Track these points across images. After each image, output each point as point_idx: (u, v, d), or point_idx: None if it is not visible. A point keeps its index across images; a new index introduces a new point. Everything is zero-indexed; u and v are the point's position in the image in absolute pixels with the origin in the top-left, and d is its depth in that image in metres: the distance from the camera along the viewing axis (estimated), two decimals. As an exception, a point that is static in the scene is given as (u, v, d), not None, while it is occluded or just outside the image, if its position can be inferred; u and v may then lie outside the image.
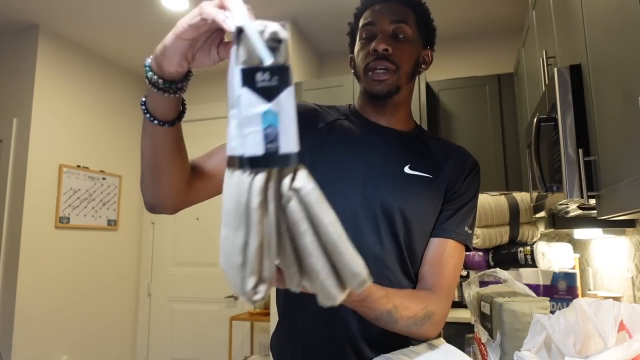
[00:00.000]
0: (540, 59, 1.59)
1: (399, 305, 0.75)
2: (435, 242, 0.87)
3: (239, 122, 0.48)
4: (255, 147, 0.44)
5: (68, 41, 3.16)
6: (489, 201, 1.80)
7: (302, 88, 2.82)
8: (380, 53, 0.85)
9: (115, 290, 3.45)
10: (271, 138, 0.44)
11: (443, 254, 0.86)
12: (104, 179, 3.37)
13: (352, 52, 0.97)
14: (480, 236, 1.75)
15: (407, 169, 0.88)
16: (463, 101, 2.78)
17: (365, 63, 0.88)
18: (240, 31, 0.53)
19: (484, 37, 3.13)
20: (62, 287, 3.00)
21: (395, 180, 0.86)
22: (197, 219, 3.61)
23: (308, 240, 0.45)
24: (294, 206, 0.44)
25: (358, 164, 0.87)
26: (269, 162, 0.44)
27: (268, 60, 0.50)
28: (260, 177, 0.43)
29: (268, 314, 2.92)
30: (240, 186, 0.44)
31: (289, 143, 0.45)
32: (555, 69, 1.17)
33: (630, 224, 1.54)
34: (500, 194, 1.86)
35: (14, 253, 2.74)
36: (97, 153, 3.35)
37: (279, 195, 0.45)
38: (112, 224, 3.43)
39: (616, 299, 1.56)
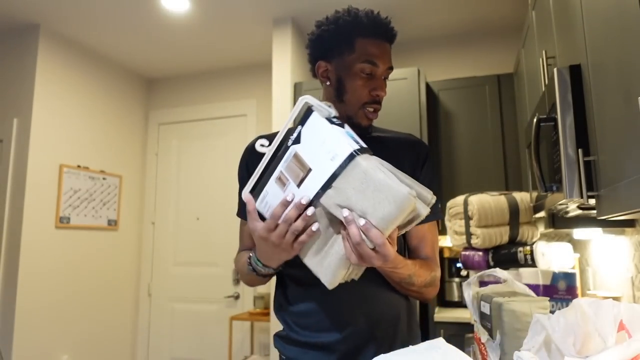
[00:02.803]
0: (540, 59, 1.59)
1: (416, 273, 0.94)
2: (419, 226, 0.97)
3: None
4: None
5: (69, 41, 3.16)
6: (488, 201, 1.80)
7: (302, 88, 2.82)
8: (379, 99, 0.99)
9: (115, 290, 3.45)
10: None
11: (425, 231, 1.03)
12: (104, 179, 3.37)
13: (324, 58, 1.01)
14: (480, 236, 1.76)
15: None
16: (463, 101, 2.78)
17: (363, 100, 0.98)
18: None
19: (484, 37, 3.13)
20: (62, 287, 3.00)
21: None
22: (197, 219, 3.61)
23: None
24: None
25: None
26: None
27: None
28: None
29: (268, 314, 2.92)
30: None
31: None
32: (555, 69, 1.17)
33: (630, 224, 1.54)
34: (500, 194, 1.87)
35: (15, 253, 2.74)
36: (98, 153, 3.35)
37: None
38: (112, 224, 3.43)
39: (616, 298, 1.56)
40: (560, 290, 1.57)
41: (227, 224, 3.50)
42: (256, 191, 0.83)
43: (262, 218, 0.83)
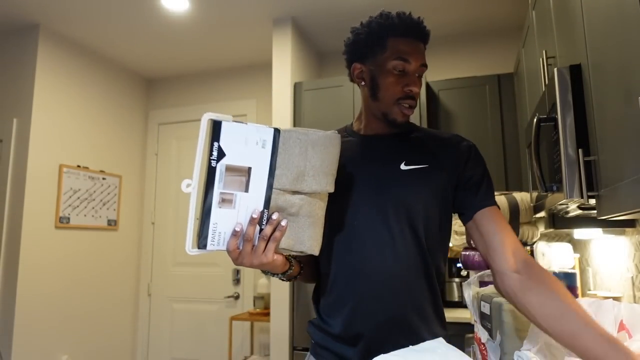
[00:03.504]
0: (540, 59, 1.59)
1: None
2: (482, 213, 0.98)
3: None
4: None
5: (69, 41, 3.16)
6: (489, 201, 1.80)
7: (302, 88, 2.82)
8: (413, 94, 1.00)
9: (115, 290, 3.45)
10: None
11: (498, 218, 0.97)
12: (104, 179, 3.37)
13: (358, 59, 1.04)
14: (480, 236, 1.75)
15: (402, 166, 1.01)
16: (463, 101, 2.78)
17: (397, 96, 1.00)
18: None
19: (484, 37, 3.13)
20: (62, 287, 3.00)
21: (393, 178, 1.00)
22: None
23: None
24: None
25: (363, 176, 1.02)
26: None
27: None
28: None
29: (268, 314, 2.92)
30: None
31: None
32: (555, 69, 1.17)
33: (630, 224, 1.54)
34: (500, 194, 1.86)
35: (14, 253, 2.74)
36: (97, 153, 3.35)
37: None
38: (112, 224, 3.43)
39: (616, 299, 1.56)
40: (560, 290, 1.56)
41: (227, 224, 3.49)
42: (202, 238, 0.85)
43: None
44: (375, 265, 0.98)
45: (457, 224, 1.90)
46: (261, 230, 0.84)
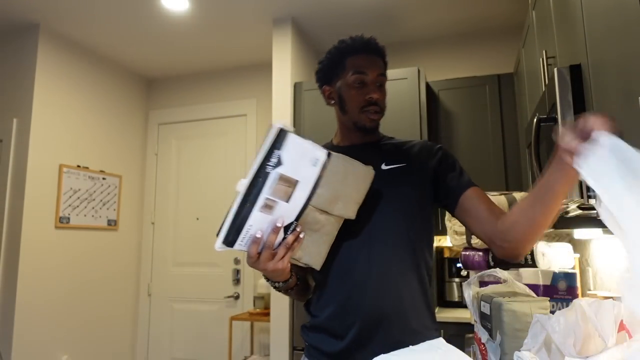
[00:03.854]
0: (540, 59, 1.59)
1: None
2: (468, 193, 1.08)
3: None
4: None
5: (68, 41, 3.16)
6: (489, 201, 1.80)
7: (302, 88, 2.82)
8: (374, 101, 1.11)
9: (115, 290, 3.45)
10: None
11: (482, 195, 1.09)
12: (104, 179, 3.37)
13: (326, 82, 1.19)
14: (480, 236, 1.75)
15: (383, 166, 1.13)
16: (463, 101, 2.78)
17: (360, 105, 1.12)
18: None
19: (484, 37, 3.13)
20: (62, 287, 3.00)
21: (377, 177, 1.05)
22: (197, 219, 3.61)
23: None
24: None
25: None
26: None
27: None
28: None
29: (268, 314, 2.92)
30: None
31: None
32: (555, 69, 1.17)
33: (630, 224, 1.53)
34: (500, 194, 1.86)
35: (14, 253, 2.74)
36: (97, 153, 3.35)
37: None
38: (112, 224, 3.43)
39: (616, 299, 1.55)
40: (560, 290, 1.56)
41: (227, 224, 3.50)
42: (232, 236, 0.87)
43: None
44: (363, 261, 1.05)
45: (457, 224, 1.89)
46: (284, 238, 0.89)
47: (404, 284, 1.06)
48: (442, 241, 2.90)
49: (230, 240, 0.87)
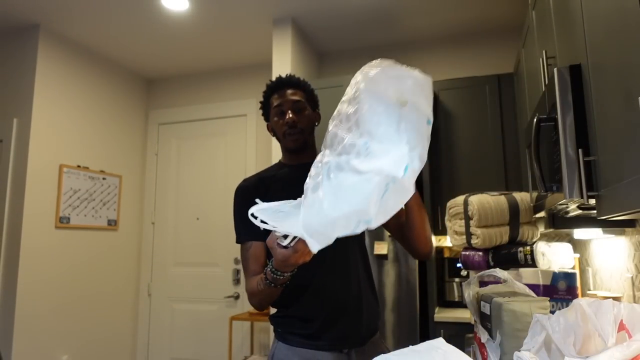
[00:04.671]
0: (540, 59, 1.59)
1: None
2: None
3: None
4: None
5: (68, 41, 3.16)
6: (489, 201, 1.80)
7: (302, 88, 2.82)
8: (290, 123, 1.30)
9: (116, 290, 3.45)
10: None
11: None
12: (104, 179, 3.37)
13: (266, 120, 1.41)
14: (480, 236, 1.75)
15: None
16: (463, 101, 2.78)
17: (282, 131, 1.32)
18: None
19: (484, 37, 3.13)
20: (62, 287, 3.00)
21: None
22: (197, 219, 3.61)
23: None
24: None
25: (297, 196, 1.18)
26: None
27: None
28: None
29: (268, 314, 2.92)
30: None
31: None
32: (555, 69, 1.17)
33: (630, 224, 1.54)
34: (500, 194, 1.86)
35: (14, 253, 2.74)
36: (97, 153, 3.35)
37: None
38: (112, 224, 3.43)
39: (616, 299, 1.56)
40: (560, 290, 1.56)
41: (227, 224, 3.49)
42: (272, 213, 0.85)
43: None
44: (322, 258, 1.10)
45: (457, 224, 1.90)
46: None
47: (359, 277, 1.29)
48: (442, 241, 2.90)
49: (262, 216, 0.87)
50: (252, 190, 1.33)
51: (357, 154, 0.75)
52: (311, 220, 0.80)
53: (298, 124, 1.31)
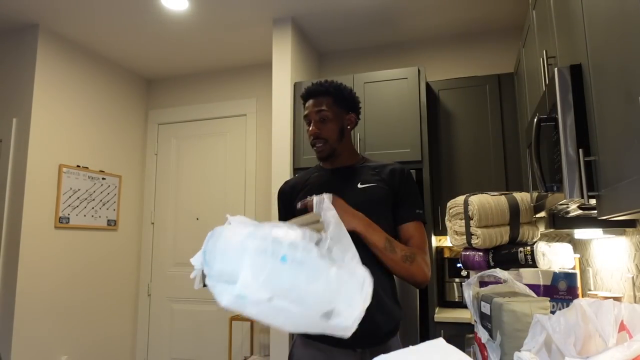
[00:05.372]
0: (541, 59, 1.59)
1: (393, 241, 1.24)
2: (404, 226, 1.32)
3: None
4: None
5: (68, 41, 3.16)
6: (489, 201, 1.80)
7: (302, 88, 2.82)
8: (313, 134, 1.35)
9: (115, 290, 3.45)
10: None
11: (412, 232, 1.32)
12: (103, 179, 3.37)
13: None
14: (481, 236, 1.75)
15: (359, 185, 1.35)
16: (463, 101, 2.78)
17: (310, 141, 1.38)
18: None
19: (484, 37, 3.13)
20: (61, 287, 3.00)
21: (354, 194, 1.32)
22: (197, 219, 3.61)
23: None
24: None
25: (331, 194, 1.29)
26: None
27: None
28: None
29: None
30: None
31: None
32: (556, 69, 1.17)
33: (630, 224, 1.54)
34: (501, 194, 1.86)
35: (14, 253, 2.74)
36: (97, 153, 3.35)
37: None
38: (112, 224, 3.43)
39: (616, 299, 1.55)
40: (560, 290, 1.56)
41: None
42: None
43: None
44: None
45: (457, 224, 1.89)
46: None
47: (379, 283, 1.18)
48: (442, 241, 2.90)
49: None
50: (287, 192, 1.42)
51: None
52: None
53: (321, 134, 1.35)
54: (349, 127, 1.41)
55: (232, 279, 0.67)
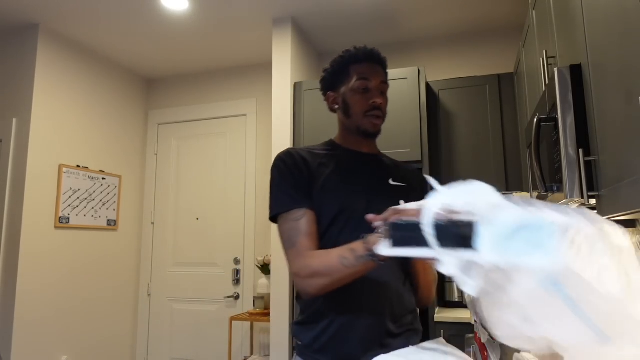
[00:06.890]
0: (541, 59, 1.59)
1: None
2: None
3: None
4: None
5: (68, 41, 3.16)
6: (489, 201, 1.80)
7: (302, 88, 2.82)
8: (377, 105, 1.17)
9: (115, 290, 3.45)
10: None
11: None
12: (103, 179, 3.37)
13: (330, 89, 1.24)
14: (481, 236, 1.75)
15: (391, 181, 1.22)
16: (463, 101, 2.78)
17: (364, 110, 1.17)
18: None
19: (484, 37, 3.13)
20: (61, 287, 3.00)
21: (387, 191, 1.19)
22: (197, 219, 3.61)
23: None
24: None
25: (358, 186, 1.17)
26: None
27: None
28: None
29: (268, 314, 2.92)
30: None
31: None
32: (556, 69, 1.17)
33: (630, 224, 1.54)
34: (501, 194, 1.86)
35: (14, 253, 2.74)
36: (97, 153, 3.35)
37: None
38: (112, 224, 3.43)
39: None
40: (560, 290, 1.56)
41: (227, 224, 3.50)
42: None
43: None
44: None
45: (457, 224, 1.90)
46: None
47: (399, 289, 1.17)
48: (442, 241, 2.90)
49: None
50: (300, 160, 1.16)
51: None
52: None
53: (381, 107, 1.18)
54: None
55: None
